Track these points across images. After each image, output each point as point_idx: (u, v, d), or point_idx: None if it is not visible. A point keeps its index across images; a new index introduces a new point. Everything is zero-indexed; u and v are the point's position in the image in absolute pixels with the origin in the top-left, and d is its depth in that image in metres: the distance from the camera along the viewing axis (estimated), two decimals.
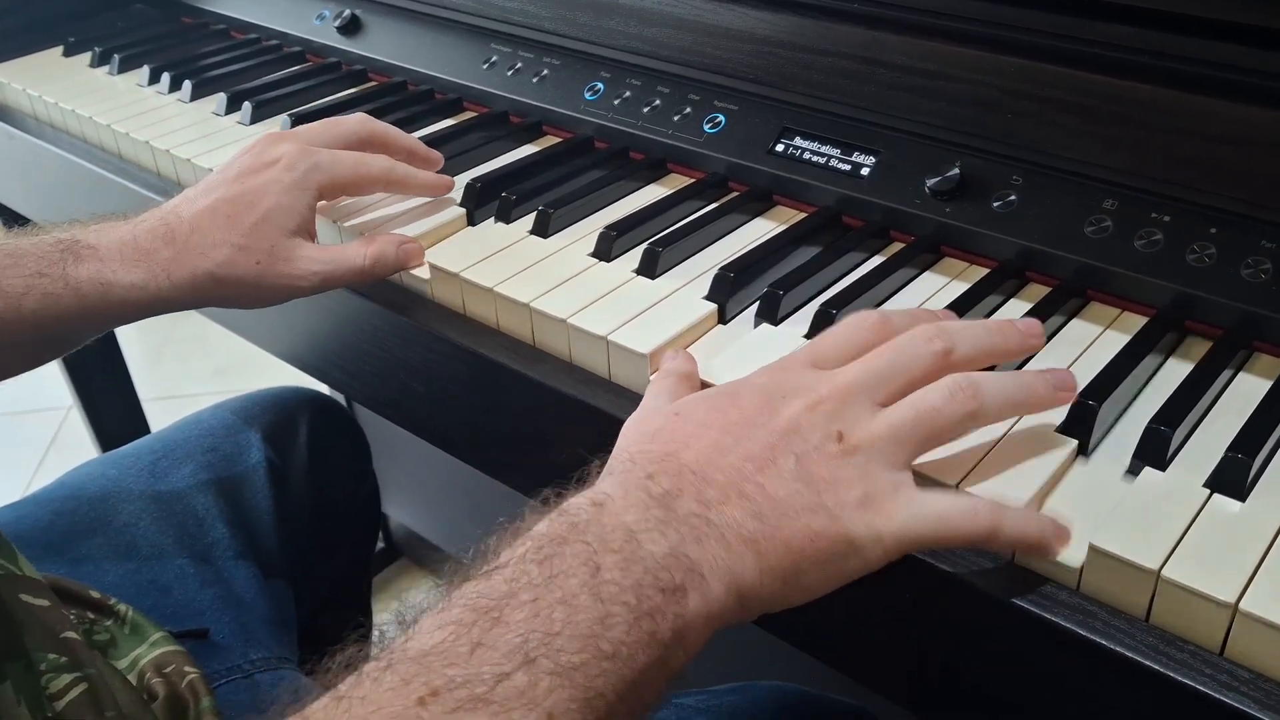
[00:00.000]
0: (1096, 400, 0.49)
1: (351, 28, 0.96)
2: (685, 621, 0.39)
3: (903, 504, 0.43)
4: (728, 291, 0.61)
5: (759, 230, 0.69)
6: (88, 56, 1.04)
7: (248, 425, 0.85)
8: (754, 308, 0.61)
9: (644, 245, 0.65)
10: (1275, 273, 0.53)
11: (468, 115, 0.88)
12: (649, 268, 0.64)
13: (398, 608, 0.39)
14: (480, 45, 0.87)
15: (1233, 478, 0.45)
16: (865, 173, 0.67)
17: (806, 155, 0.69)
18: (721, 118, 0.73)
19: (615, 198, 0.73)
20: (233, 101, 0.90)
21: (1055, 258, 0.60)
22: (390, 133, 0.72)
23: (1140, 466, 0.48)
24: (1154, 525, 0.44)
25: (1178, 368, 0.54)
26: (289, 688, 0.67)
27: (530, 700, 0.34)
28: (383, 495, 1.07)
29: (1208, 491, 0.46)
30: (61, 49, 1.07)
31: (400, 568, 1.63)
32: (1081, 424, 0.49)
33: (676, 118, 0.75)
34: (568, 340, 0.60)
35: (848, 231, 0.68)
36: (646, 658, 0.37)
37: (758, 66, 0.72)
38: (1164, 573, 0.42)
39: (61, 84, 0.99)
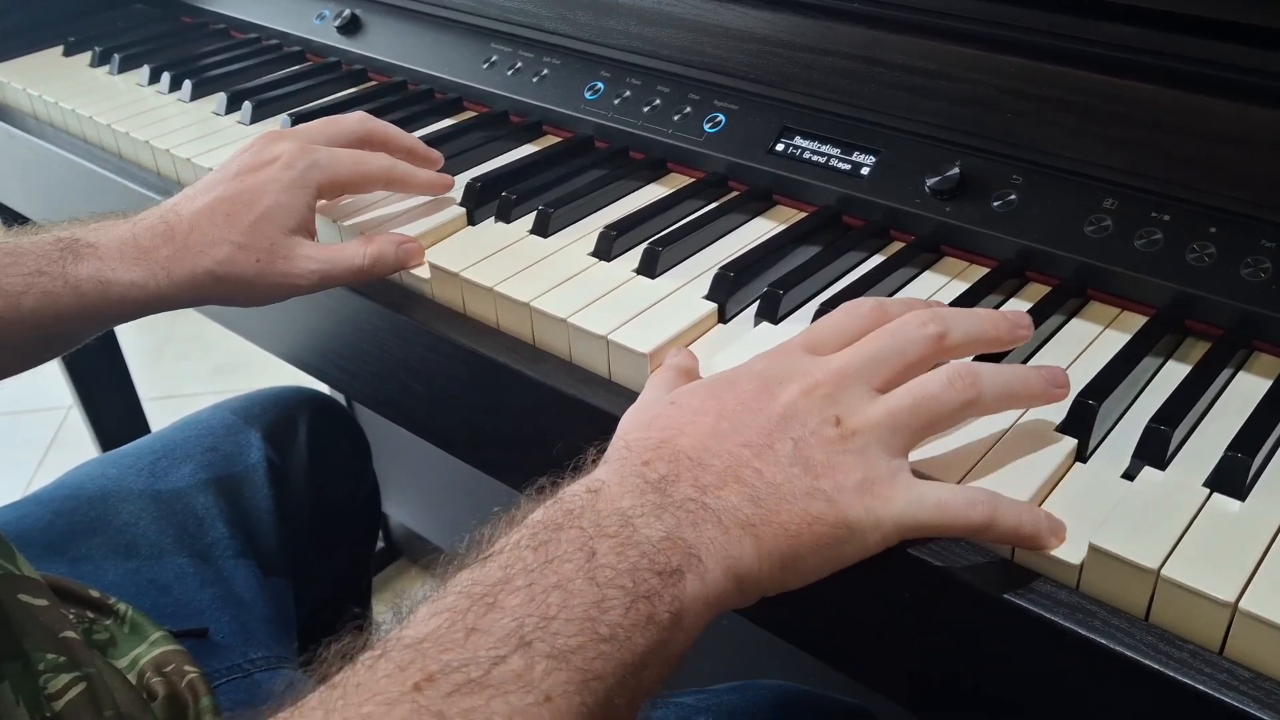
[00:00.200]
0: (1096, 399, 0.49)
1: (351, 27, 0.96)
2: (683, 605, 0.39)
3: (901, 489, 0.43)
4: (728, 291, 0.61)
5: (759, 230, 0.69)
6: (88, 56, 1.04)
7: (248, 425, 0.85)
8: (754, 307, 0.61)
9: (644, 245, 0.65)
10: (1275, 272, 0.53)
11: (468, 115, 0.88)
12: (649, 267, 0.64)
13: (396, 602, 0.39)
14: (480, 45, 0.87)
15: (1232, 477, 0.45)
16: (865, 172, 0.67)
17: (806, 155, 0.69)
18: (721, 117, 0.73)
19: (615, 197, 0.73)
20: (233, 101, 0.91)
21: (1055, 257, 0.60)
22: (390, 132, 0.72)
23: (1140, 466, 0.48)
24: (1154, 525, 0.44)
25: (1177, 367, 0.54)
26: (287, 685, 0.67)
27: (527, 683, 0.34)
28: (383, 495, 1.07)
29: (1207, 491, 0.46)
30: (61, 49, 1.07)
31: (400, 567, 1.63)
32: (1081, 423, 0.49)
33: (676, 117, 0.75)
34: (568, 340, 0.60)
35: (848, 231, 0.68)
36: (644, 641, 0.37)
37: (758, 66, 0.72)
38: (1164, 572, 0.42)
39: (61, 83, 0.99)
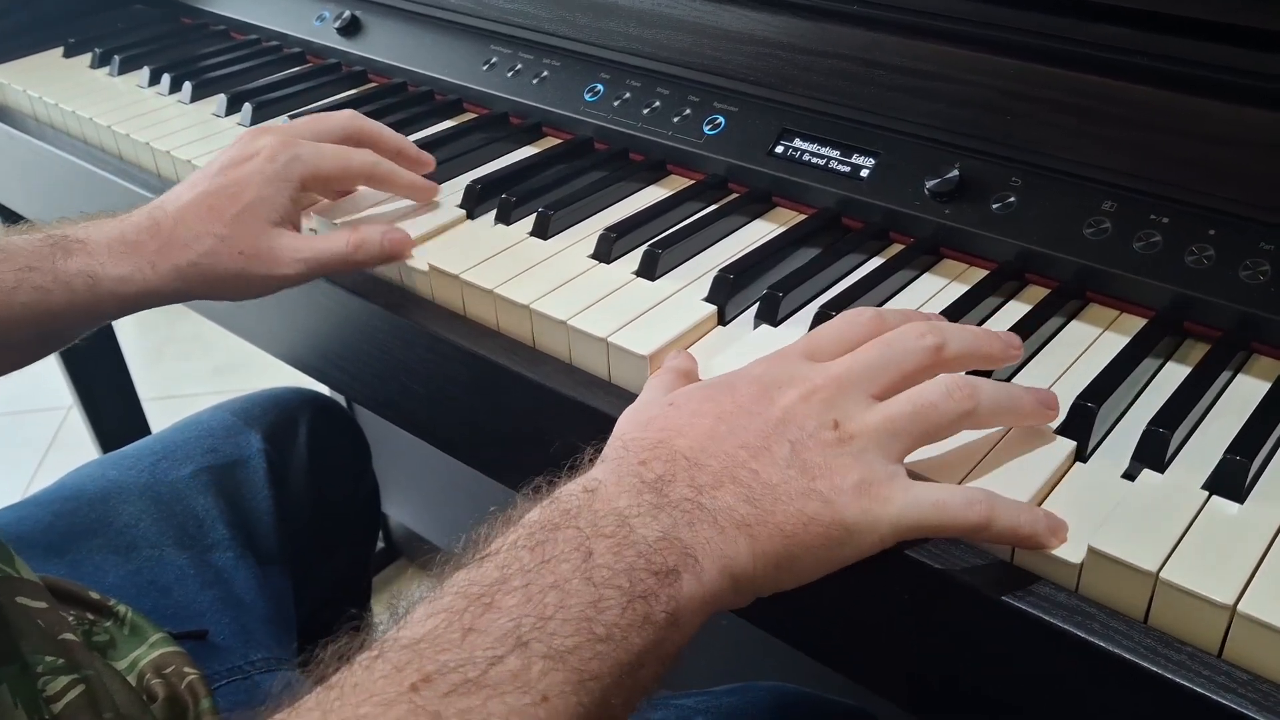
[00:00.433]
0: (1095, 402, 0.49)
1: (351, 29, 0.96)
2: (679, 604, 0.39)
3: (898, 490, 0.43)
4: (727, 293, 0.61)
5: (759, 232, 0.69)
6: (88, 57, 1.04)
7: (248, 426, 0.85)
8: (754, 309, 0.61)
9: (644, 247, 0.65)
10: (1274, 274, 0.53)
11: (468, 116, 0.88)
12: (649, 269, 0.64)
13: (393, 603, 0.39)
14: (480, 46, 0.87)
15: (1231, 479, 0.45)
16: (865, 174, 0.67)
17: (806, 157, 0.69)
18: (721, 119, 0.73)
19: (615, 199, 0.73)
20: (233, 103, 0.91)
21: (1054, 259, 0.60)
22: (380, 131, 0.72)
23: (1139, 468, 0.48)
24: (1152, 527, 0.44)
25: (1176, 369, 0.54)
26: (285, 686, 0.67)
27: (524, 683, 0.35)
28: (382, 495, 1.07)
29: (1206, 493, 0.46)
30: (62, 50, 1.07)
31: (400, 567, 1.63)
32: (1080, 426, 0.49)
33: (676, 119, 0.75)
34: (568, 342, 0.60)
35: (847, 233, 0.68)
36: (641, 640, 0.38)
37: (757, 68, 0.72)
38: (1162, 574, 0.42)
39: (62, 85, 0.99)
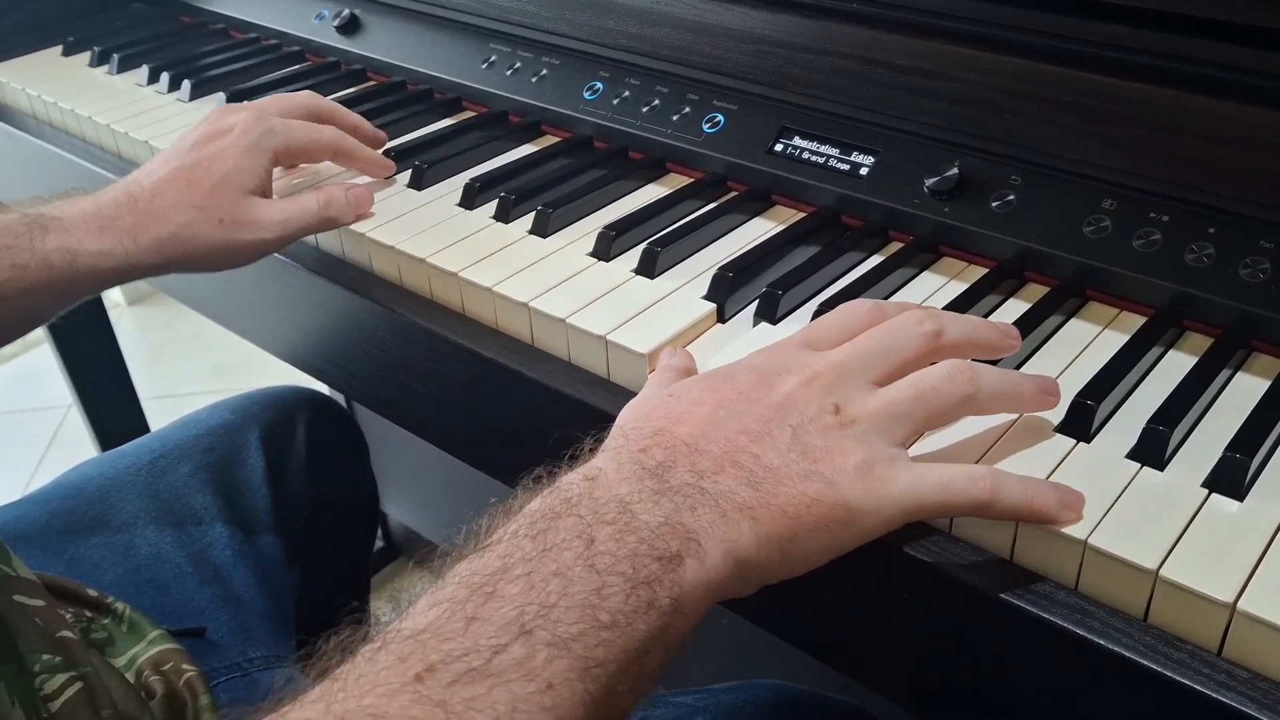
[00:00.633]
0: (1095, 400, 0.49)
1: (350, 27, 0.96)
2: (683, 590, 0.39)
3: (901, 471, 0.43)
4: (726, 291, 0.61)
5: (758, 230, 0.69)
6: (87, 56, 1.04)
7: (246, 424, 0.85)
8: (753, 307, 0.61)
9: (643, 245, 0.65)
10: (1273, 272, 0.53)
11: (467, 115, 0.88)
12: (648, 267, 0.64)
13: (395, 597, 0.39)
14: (479, 45, 0.87)
15: (1231, 477, 0.45)
16: (864, 172, 0.67)
17: (805, 155, 0.69)
18: (720, 117, 0.73)
19: (614, 197, 0.73)
20: (232, 101, 0.90)
21: (1054, 258, 0.60)
22: (337, 109, 0.77)
23: (1138, 466, 0.48)
24: (1152, 525, 0.44)
25: (1176, 368, 0.54)
26: (287, 680, 0.67)
27: (529, 671, 0.34)
28: (382, 494, 1.07)
29: (1206, 491, 0.46)
30: (61, 48, 1.07)
31: (399, 566, 1.63)
32: (1080, 423, 0.49)
33: (675, 117, 0.75)
34: (567, 340, 0.60)
35: (846, 231, 0.67)
36: (645, 627, 0.37)
37: (757, 66, 0.72)
38: (1162, 572, 0.42)
39: (61, 83, 0.98)
